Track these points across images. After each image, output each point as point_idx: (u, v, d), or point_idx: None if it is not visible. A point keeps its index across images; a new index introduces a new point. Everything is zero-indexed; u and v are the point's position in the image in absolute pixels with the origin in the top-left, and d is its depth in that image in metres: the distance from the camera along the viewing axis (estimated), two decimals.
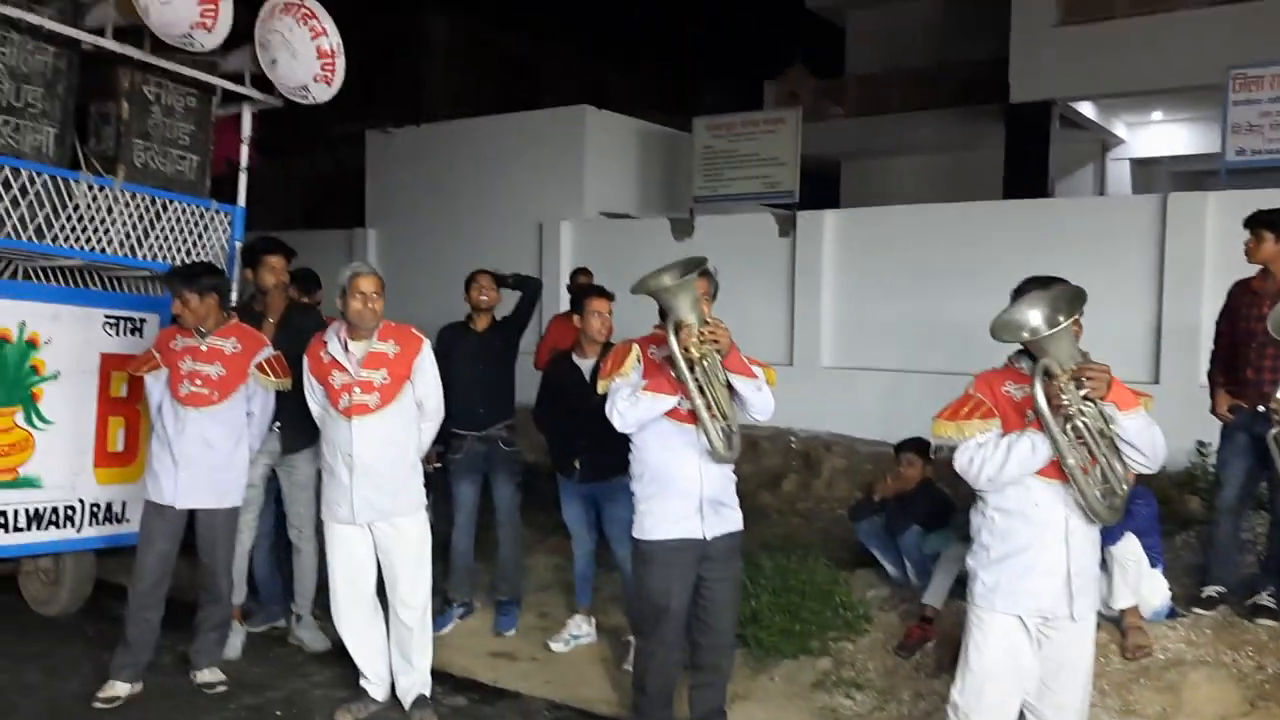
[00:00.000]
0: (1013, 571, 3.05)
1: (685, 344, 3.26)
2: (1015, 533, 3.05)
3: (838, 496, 7.53)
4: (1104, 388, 2.85)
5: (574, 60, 20.08)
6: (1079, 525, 3.03)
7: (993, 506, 3.11)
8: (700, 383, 3.31)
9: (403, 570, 4.10)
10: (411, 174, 13.07)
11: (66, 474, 4.83)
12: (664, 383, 3.41)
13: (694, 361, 3.28)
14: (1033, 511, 3.03)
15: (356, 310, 3.94)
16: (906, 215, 9.49)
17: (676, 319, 3.28)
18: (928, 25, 17.56)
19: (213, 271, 4.39)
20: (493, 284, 5.26)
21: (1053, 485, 3.00)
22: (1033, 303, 2.91)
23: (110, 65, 4.73)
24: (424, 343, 4.13)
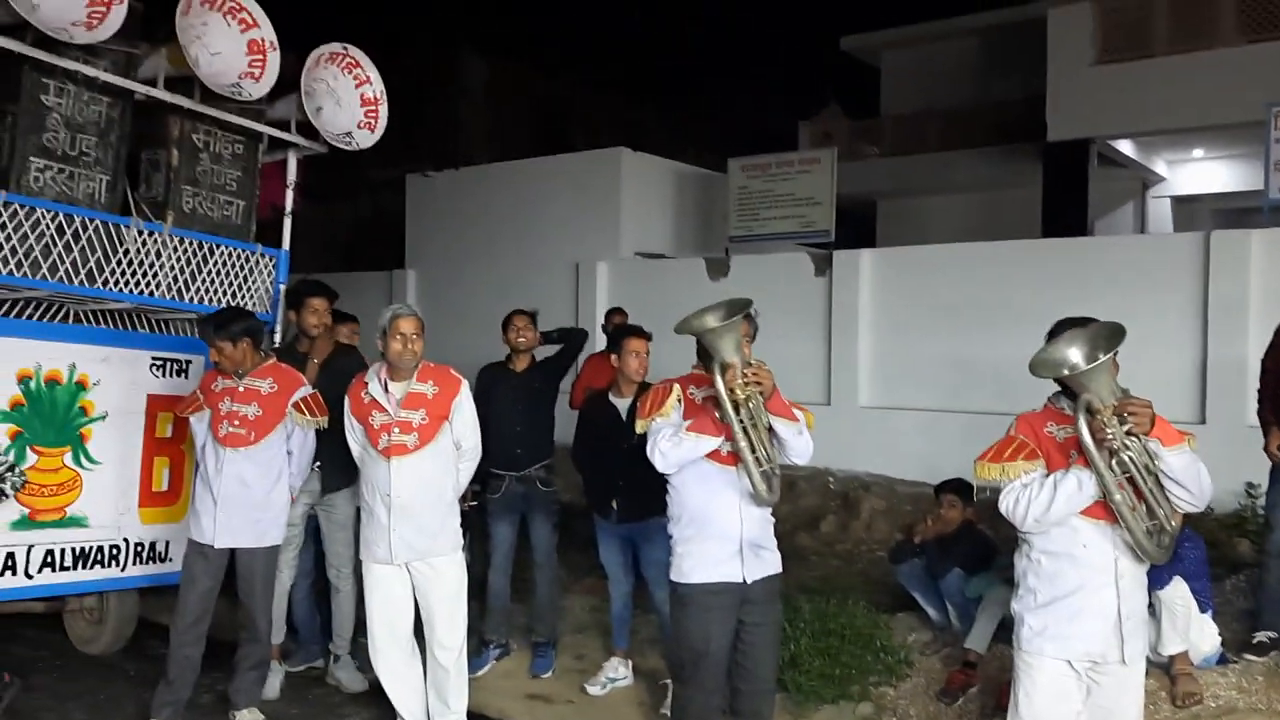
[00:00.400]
0: (1061, 615, 3.00)
1: (730, 385, 3.24)
2: (1063, 575, 3.00)
3: (877, 538, 7.45)
4: (1148, 422, 2.82)
5: (609, 103, 20.31)
6: (1128, 566, 2.98)
7: (1038, 549, 3.06)
8: (745, 425, 3.28)
9: (439, 611, 4.11)
10: (450, 216, 13.26)
11: (112, 513, 4.91)
12: (708, 424, 3.38)
13: (739, 403, 3.26)
14: (1080, 553, 2.98)
15: (396, 351, 4.00)
16: (944, 254, 9.46)
17: (720, 360, 3.27)
18: (963, 65, 17.60)
19: (243, 316, 4.45)
20: (529, 324, 5.29)
21: (1100, 525, 2.96)
22: (1071, 340, 2.90)
23: (161, 114, 4.86)
24: (462, 383, 4.17)
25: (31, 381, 4.63)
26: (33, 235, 4.32)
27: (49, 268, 4.39)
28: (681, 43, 34.83)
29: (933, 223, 16.48)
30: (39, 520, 4.65)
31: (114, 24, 4.24)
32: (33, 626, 5.39)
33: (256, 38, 4.86)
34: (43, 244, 4.36)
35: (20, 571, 4.60)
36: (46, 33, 4.08)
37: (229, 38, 4.78)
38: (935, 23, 17.74)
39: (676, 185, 12.78)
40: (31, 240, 4.31)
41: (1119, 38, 13.50)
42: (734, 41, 36.14)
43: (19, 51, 4.17)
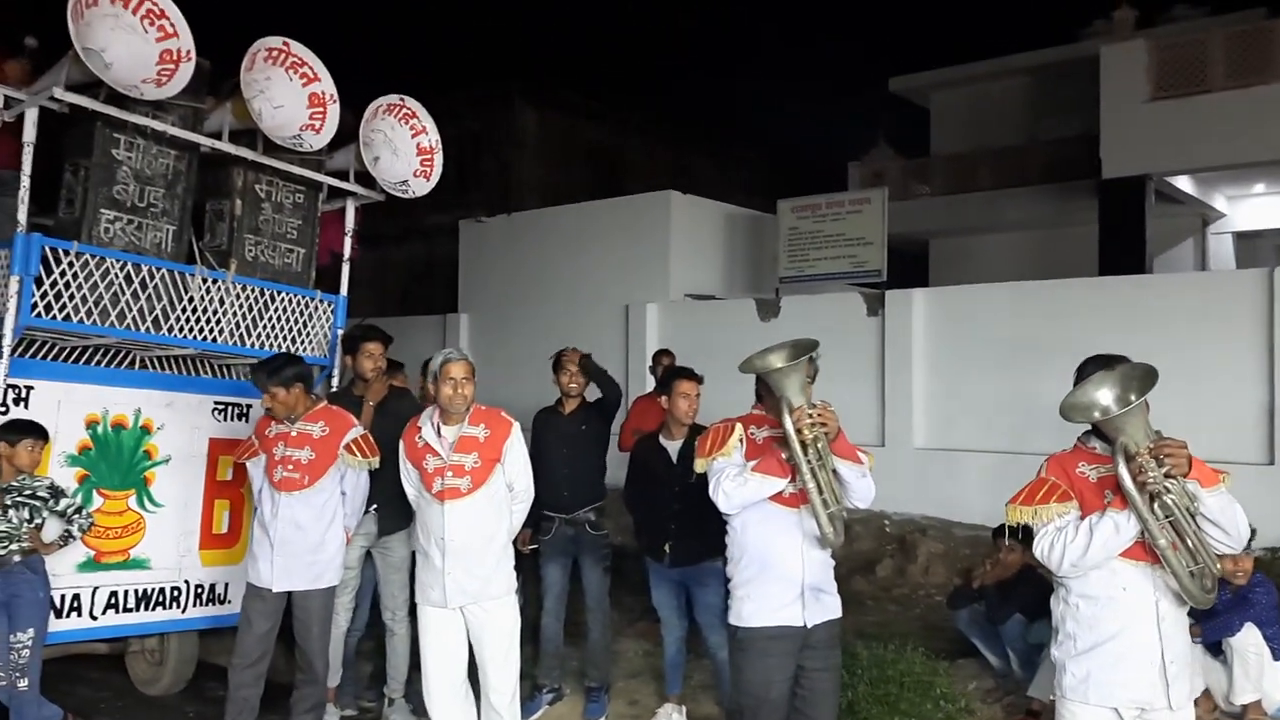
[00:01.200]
0: (1104, 661, 2.90)
1: (798, 425, 3.20)
2: (1103, 620, 2.92)
3: (935, 583, 7.31)
4: (1186, 464, 2.75)
5: (658, 147, 20.51)
6: (1169, 609, 2.90)
7: (1076, 593, 2.98)
8: (813, 466, 3.24)
9: (493, 654, 4.11)
10: (502, 261, 13.44)
11: (174, 556, 5.00)
12: (773, 464, 3.34)
13: (806, 444, 3.22)
14: (1120, 596, 2.90)
15: (447, 395, 4.04)
16: (999, 293, 9.36)
17: (787, 400, 3.23)
18: (1014, 104, 17.53)
19: (294, 362, 4.51)
20: (580, 369, 5.30)
21: (1140, 567, 2.88)
22: (1100, 382, 2.84)
23: (225, 166, 5.02)
24: (513, 425, 4.19)
25: (99, 426, 4.76)
26: (102, 284, 4.46)
27: (117, 315, 4.52)
28: (730, 87, 35.19)
29: (986, 261, 16.35)
30: (104, 562, 4.75)
31: (182, 81, 4.41)
32: (96, 668, 5.48)
33: (317, 91, 5.01)
34: (111, 292, 4.50)
35: (85, 613, 4.70)
36: (118, 90, 4.24)
37: (291, 92, 4.94)
38: (985, 62, 17.73)
39: (726, 227, 12.84)
40: (101, 289, 4.46)
41: (1173, 74, 13.37)
42: (782, 85, 36.41)
43: (92, 108, 4.34)
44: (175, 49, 4.38)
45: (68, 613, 4.63)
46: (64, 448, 4.63)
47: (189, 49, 4.41)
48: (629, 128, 20.13)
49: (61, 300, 4.33)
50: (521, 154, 18.52)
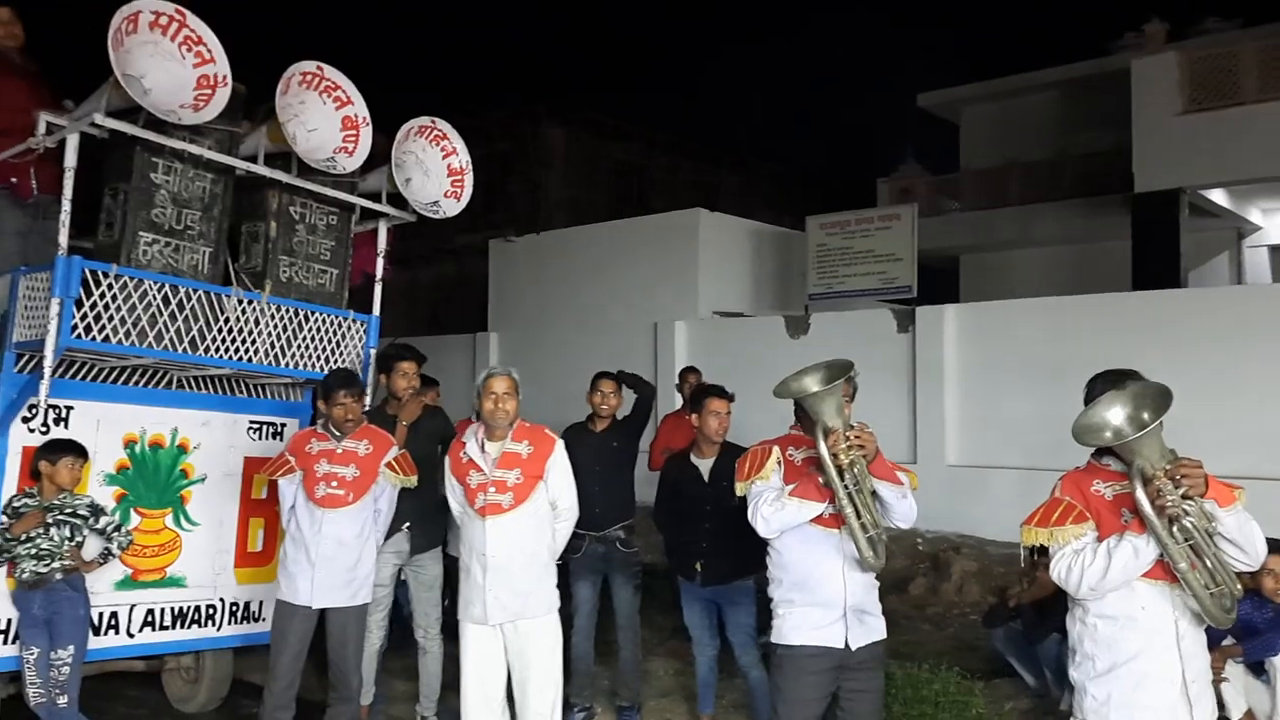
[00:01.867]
0: (1126, 683, 2.86)
1: (834, 449, 3.17)
2: (1122, 640, 2.87)
3: (969, 601, 7.24)
4: (1203, 485, 2.72)
5: (686, 166, 20.58)
6: (1188, 629, 2.86)
7: (1094, 613, 2.93)
8: (849, 490, 3.22)
9: (533, 673, 4.08)
10: (532, 279, 13.51)
11: (209, 574, 5.04)
12: (811, 488, 3.32)
13: (843, 468, 3.19)
14: (1140, 616, 2.86)
15: (489, 410, 4.06)
16: (1032, 309, 9.29)
17: (823, 424, 3.20)
18: (1044, 118, 17.43)
19: (357, 376, 4.61)
20: (615, 390, 5.32)
21: (1159, 586, 2.84)
22: (1112, 402, 2.81)
23: (260, 188, 5.09)
24: (557, 443, 4.19)
25: (136, 446, 4.83)
26: (140, 306, 4.53)
27: (155, 336, 4.59)
28: (757, 105, 35.25)
29: (1017, 277, 16.23)
30: (141, 580, 4.81)
31: (218, 105, 4.48)
32: (134, 685, 5.53)
33: (350, 114, 5.07)
34: (150, 314, 4.56)
35: (123, 630, 4.75)
36: (157, 115, 4.32)
37: (324, 115, 5.00)
38: (1014, 77, 17.65)
39: (754, 244, 12.84)
40: (139, 310, 4.52)
41: (1206, 86, 13.25)
42: (809, 103, 36.43)
43: (131, 133, 4.42)
44: (212, 74, 4.46)
45: (106, 630, 4.68)
46: (103, 467, 4.70)
47: (225, 74, 4.48)
48: (656, 146, 20.21)
49: (101, 322, 4.40)
50: (550, 173, 18.65)
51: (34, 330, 4.41)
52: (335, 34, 30.02)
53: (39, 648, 4.25)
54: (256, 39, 7.97)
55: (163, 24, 4.33)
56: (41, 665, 4.25)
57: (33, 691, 4.25)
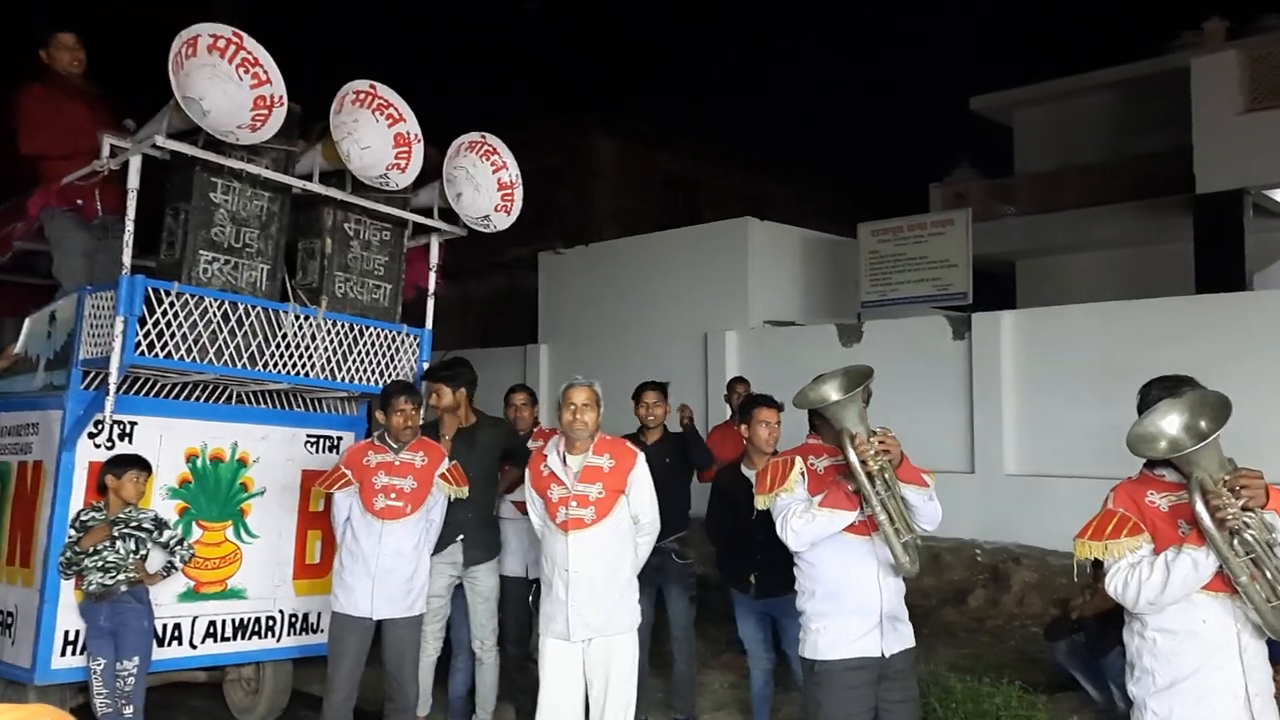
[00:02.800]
0: (1188, 698, 2.77)
1: (863, 456, 3.14)
2: (1182, 655, 2.79)
3: (1030, 613, 7.09)
4: (1264, 495, 2.64)
5: (735, 174, 20.54)
6: (1250, 641, 2.77)
7: (1153, 628, 2.85)
8: (881, 496, 3.19)
9: (613, 690, 4.01)
10: (581, 291, 13.56)
11: (268, 586, 5.12)
12: (840, 497, 3.29)
13: (873, 474, 3.17)
14: (1201, 629, 2.77)
15: (567, 421, 4.04)
16: (1091, 314, 9.11)
17: (847, 431, 3.18)
18: (1100, 119, 17.12)
19: (416, 386, 4.70)
20: (659, 399, 5.31)
21: (1220, 599, 2.76)
22: (1168, 411, 2.73)
23: (316, 206, 5.18)
24: (638, 456, 4.14)
25: (198, 460, 4.93)
26: (201, 323, 4.63)
27: (215, 352, 4.68)
28: (807, 112, 35.12)
29: (1075, 282, 15.91)
30: (203, 592, 4.90)
31: (274, 125, 4.57)
32: (196, 696, 5.63)
33: (402, 131, 5.15)
34: (210, 330, 4.66)
35: (186, 642, 4.84)
36: (215, 136, 4.42)
37: (377, 132, 5.08)
38: (1069, 79, 17.36)
39: (804, 252, 12.76)
40: (200, 327, 4.62)
41: (1267, 84, 12.93)
42: (860, 109, 36.23)
43: (192, 154, 4.52)
44: (268, 95, 4.55)
45: (169, 641, 4.77)
46: (165, 481, 4.80)
47: (281, 94, 4.58)
48: (705, 156, 20.20)
49: (163, 339, 4.50)
50: (599, 185, 18.73)
51: (99, 348, 4.53)
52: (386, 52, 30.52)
53: (105, 658, 4.35)
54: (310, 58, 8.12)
55: (220, 47, 4.44)
56: (108, 676, 4.34)
57: (99, 701, 4.34)
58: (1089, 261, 16.45)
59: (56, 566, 4.42)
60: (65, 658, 4.48)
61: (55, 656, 4.46)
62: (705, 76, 37.66)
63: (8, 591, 4.76)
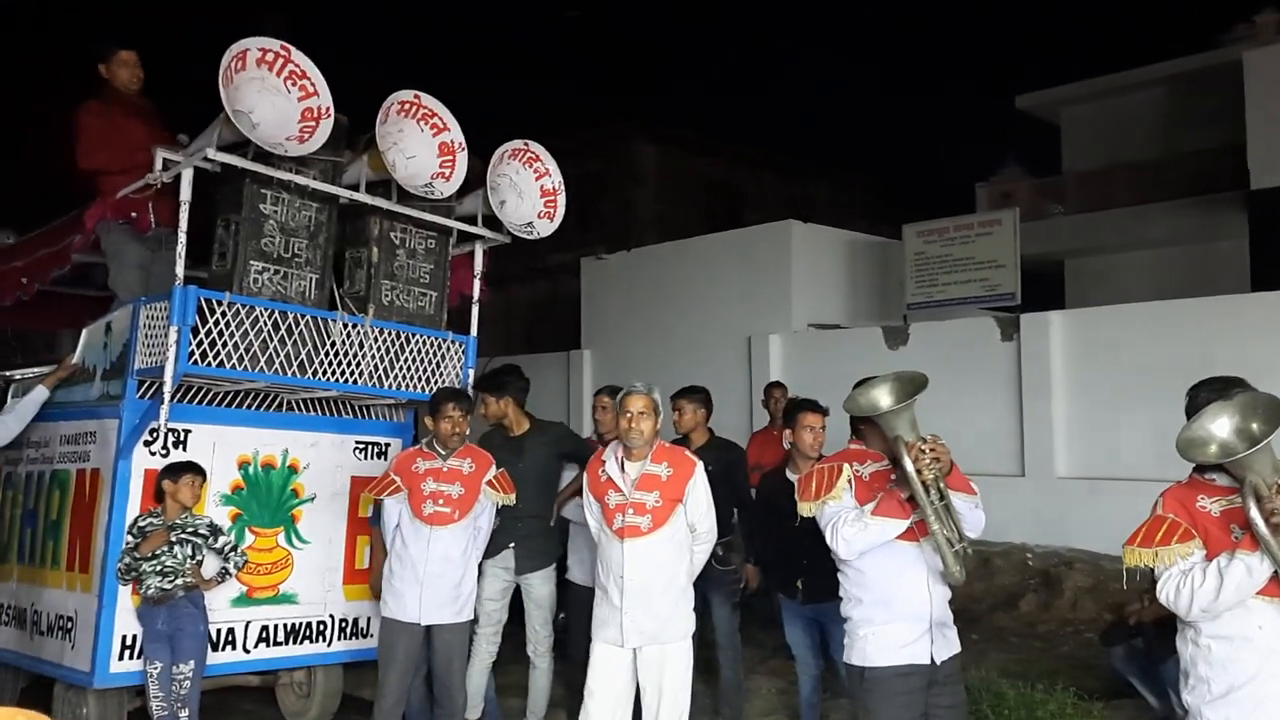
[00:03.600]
0: (1244, 707, 2.71)
1: (919, 465, 3.09)
2: (1238, 661, 2.73)
3: (1084, 618, 6.98)
4: None
5: (777, 178, 20.46)
6: None
7: (1207, 634, 2.79)
8: (935, 505, 3.13)
9: (666, 699, 4.00)
10: (624, 297, 13.58)
11: (319, 591, 5.19)
12: (893, 505, 3.24)
13: (928, 484, 3.12)
14: (1256, 635, 2.71)
15: (623, 429, 4.05)
16: (1143, 313, 8.95)
17: (902, 439, 3.13)
18: (1150, 116, 16.81)
19: (466, 393, 4.74)
20: (695, 406, 5.29)
21: (1276, 604, 2.70)
22: (1218, 414, 2.67)
23: (362, 215, 5.24)
24: (697, 465, 4.13)
25: (250, 467, 5.00)
26: (252, 332, 4.70)
27: (266, 361, 4.75)
28: (848, 113, 34.90)
29: (1126, 281, 15.63)
30: (255, 597, 4.97)
31: (322, 136, 4.63)
32: (249, 700, 5.71)
33: (446, 140, 5.19)
34: (261, 339, 4.73)
35: (239, 646, 4.91)
36: (265, 148, 4.49)
37: (422, 142, 5.13)
38: (1117, 75, 17.07)
39: (848, 255, 12.67)
40: (251, 336, 4.70)
41: None
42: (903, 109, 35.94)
43: (242, 166, 4.60)
44: (316, 107, 4.62)
45: (223, 646, 4.85)
46: (219, 488, 4.88)
47: (328, 106, 4.64)
48: (746, 160, 20.14)
49: (216, 348, 4.58)
50: (640, 191, 18.76)
51: (154, 358, 4.62)
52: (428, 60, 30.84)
53: (162, 662, 4.43)
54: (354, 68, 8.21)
55: (269, 60, 4.51)
56: (164, 679, 4.42)
57: (156, 705, 4.42)
58: (1140, 260, 16.15)
59: (114, 572, 4.51)
60: (123, 661, 4.57)
61: (113, 660, 4.55)
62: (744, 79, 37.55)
63: (67, 597, 4.86)
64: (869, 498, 3.31)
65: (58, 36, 25.80)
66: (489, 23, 37.35)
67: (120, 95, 5.36)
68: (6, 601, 5.32)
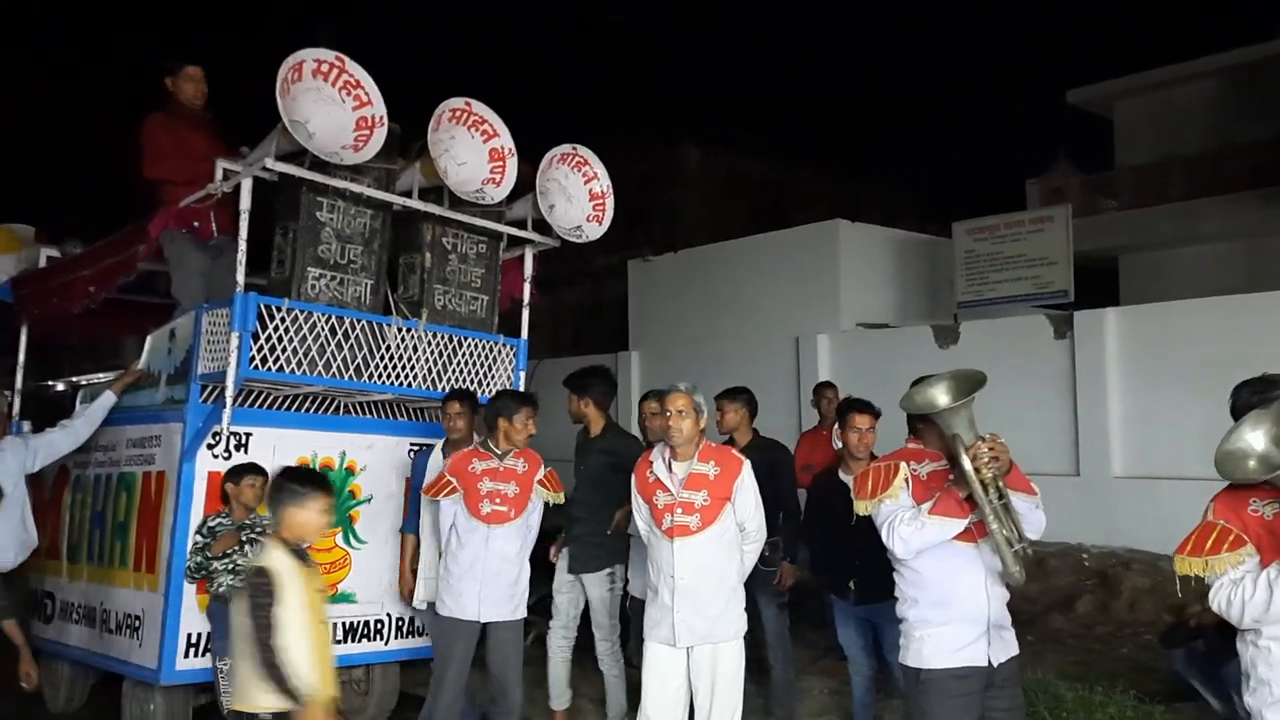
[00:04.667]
0: None
1: (977, 465, 3.05)
2: None
3: (1142, 620, 6.86)
4: None
5: (824, 177, 20.33)
6: None
7: (1267, 636, 2.75)
8: (994, 506, 3.09)
9: (718, 698, 4.01)
10: (671, 298, 13.60)
11: (376, 590, 5.28)
12: (951, 505, 3.20)
13: (987, 484, 3.08)
14: None
15: (664, 427, 4.08)
16: (1201, 309, 8.77)
17: (960, 439, 3.09)
18: (1206, 108, 16.47)
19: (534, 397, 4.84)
20: (737, 406, 5.29)
21: None
22: (1256, 423, 2.63)
23: (415, 221, 5.33)
24: (744, 464, 4.14)
25: None
26: (310, 336, 4.81)
27: (324, 365, 4.86)
28: (896, 111, 34.60)
29: (1182, 276, 15.33)
30: None
31: (376, 145, 4.73)
32: None
33: (497, 146, 5.26)
34: (319, 344, 4.84)
35: None
36: (321, 157, 4.59)
37: (473, 148, 5.21)
38: (1171, 67, 16.76)
39: (897, 254, 12.57)
40: (310, 341, 4.80)
41: None
42: (950, 107, 35.54)
43: (299, 175, 4.71)
44: (370, 115, 4.71)
45: None
46: None
47: (382, 114, 4.73)
48: (793, 159, 20.05)
49: (275, 353, 4.69)
50: (687, 192, 18.76)
51: (216, 363, 4.74)
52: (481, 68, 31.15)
53: (231, 659, 4.51)
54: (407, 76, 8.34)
55: (324, 70, 4.61)
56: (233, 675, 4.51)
57: (227, 699, 4.50)
58: (1195, 255, 15.83)
59: (181, 571, 4.63)
60: (189, 659, 4.69)
61: (179, 658, 4.67)
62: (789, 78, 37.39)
63: (134, 596, 5.00)
64: (926, 497, 3.28)
65: (122, 54, 26.49)
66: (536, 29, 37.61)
67: (184, 109, 5.51)
68: (77, 600, 5.49)
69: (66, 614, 5.55)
